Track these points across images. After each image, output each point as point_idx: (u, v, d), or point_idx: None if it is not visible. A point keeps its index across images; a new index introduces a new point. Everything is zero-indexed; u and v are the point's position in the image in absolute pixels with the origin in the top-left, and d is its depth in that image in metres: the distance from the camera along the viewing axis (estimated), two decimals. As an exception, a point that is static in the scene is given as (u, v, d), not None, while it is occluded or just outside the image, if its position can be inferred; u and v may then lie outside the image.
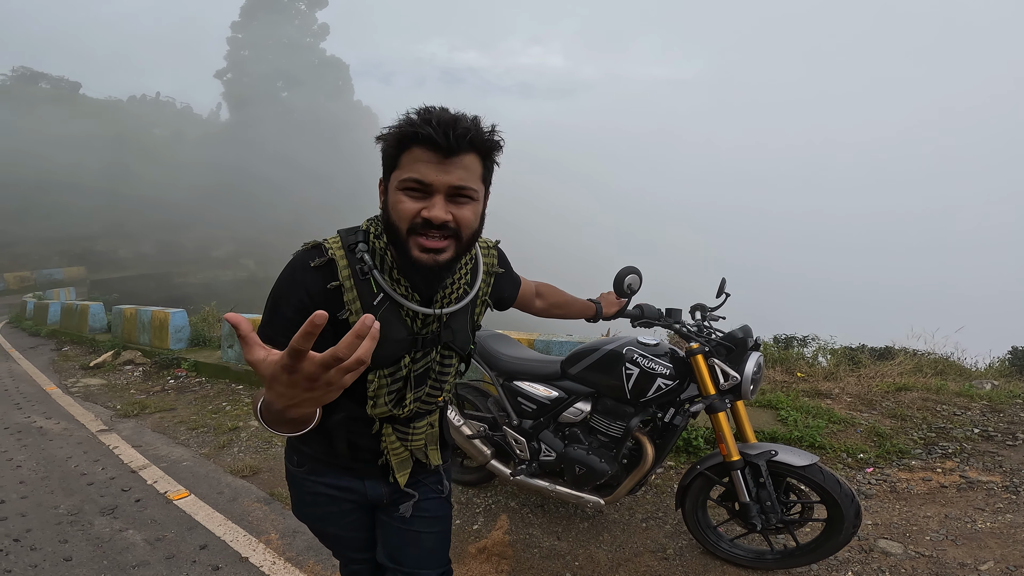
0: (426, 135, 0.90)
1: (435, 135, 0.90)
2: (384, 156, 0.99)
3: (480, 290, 1.19)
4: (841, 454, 3.21)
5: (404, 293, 1.05)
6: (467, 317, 1.18)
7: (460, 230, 0.98)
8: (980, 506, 2.66)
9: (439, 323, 1.11)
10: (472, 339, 1.22)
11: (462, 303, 1.11)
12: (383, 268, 1.05)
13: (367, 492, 1.21)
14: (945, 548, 2.34)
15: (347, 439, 1.15)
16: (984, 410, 3.73)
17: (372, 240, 1.06)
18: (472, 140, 0.94)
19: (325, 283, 1.02)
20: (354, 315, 1.02)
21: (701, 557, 2.36)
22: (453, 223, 0.96)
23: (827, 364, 5.10)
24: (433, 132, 0.90)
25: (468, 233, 1.00)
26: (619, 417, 2.28)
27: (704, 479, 2.23)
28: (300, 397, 0.70)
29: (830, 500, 2.00)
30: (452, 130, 0.91)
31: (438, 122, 0.91)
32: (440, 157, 0.92)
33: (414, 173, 0.93)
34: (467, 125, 0.93)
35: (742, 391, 2.09)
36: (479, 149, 0.96)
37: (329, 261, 1.03)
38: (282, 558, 2.49)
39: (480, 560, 2.40)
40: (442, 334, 1.12)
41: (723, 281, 2.31)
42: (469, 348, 1.21)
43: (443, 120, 0.91)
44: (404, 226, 0.96)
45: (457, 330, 1.15)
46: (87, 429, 4.62)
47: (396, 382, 1.10)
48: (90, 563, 2.49)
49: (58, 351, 9.69)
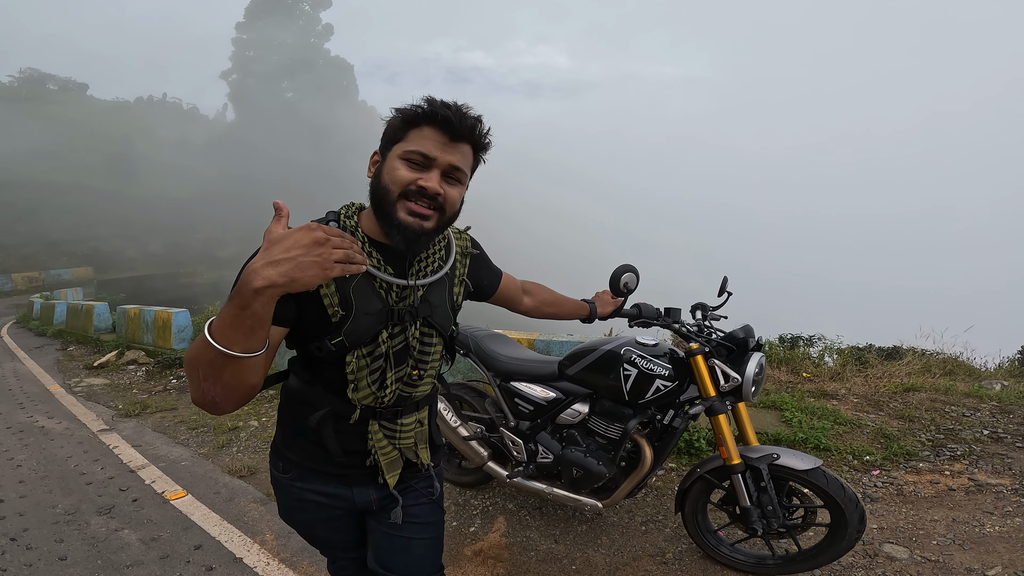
0: (443, 117, 1.01)
1: (451, 118, 1.01)
2: (390, 129, 1.06)
3: (457, 269, 1.23)
4: (847, 456, 3.16)
5: (376, 264, 1.08)
6: (445, 294, 1.18)
7: (445, 206, 1.05)
8: (989, 509, 2.61)
9: (414, 295, 1.12)
10: (453, 319, 1.22)
11: (437, 275, 1.14)
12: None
13: (355, 499, 1.20)
14: (952, 553, 2.29)
15: (336, 439, 1.13)
16: (994, 411, 3.66)
17: (343, 220, 1.12)
18: (475, 132, 1.05)
19: None
20: (324, 286, 1.03)
21: (701, 562, 2.31)
22: (442, 198, 1.03)
23: (833, 364, 5.03)
24: (450, 115, 1.01)
25: (451, 211, 1.07)
26: (617, 419, 2.24)
27: (704, 482, 2.19)
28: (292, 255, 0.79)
29: (834, 505, 1.96)
30: (463, 118, 1.02)
31: (454, 109, 1.02)
32: (447, 139, 1.02)
33: (420, 147, 1.01)
34: (474, 117, 1.05)
35: (743, 393, 2.04)
36: (476, 142, 1.07)
37: None
38: (276, 559, 2.47)
39: (476, 563, 2.37)
40: (419, 308, 1.12)
41: (724, 280, 2.27)
42: (451, 328, 1.20)
43: (457, 108, 1.03)
44: (397, 190, 1.02)
45: (435, 305, 1.15)
46: (88, 429, 4.63)
47: (376, 360, 1.08)
48: (85, 563, 2.48)
49: (63, 351, 9.73)
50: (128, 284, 30.80)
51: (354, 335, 1.05)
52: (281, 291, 0.80)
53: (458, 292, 1.23)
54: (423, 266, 1.13)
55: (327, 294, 1.03)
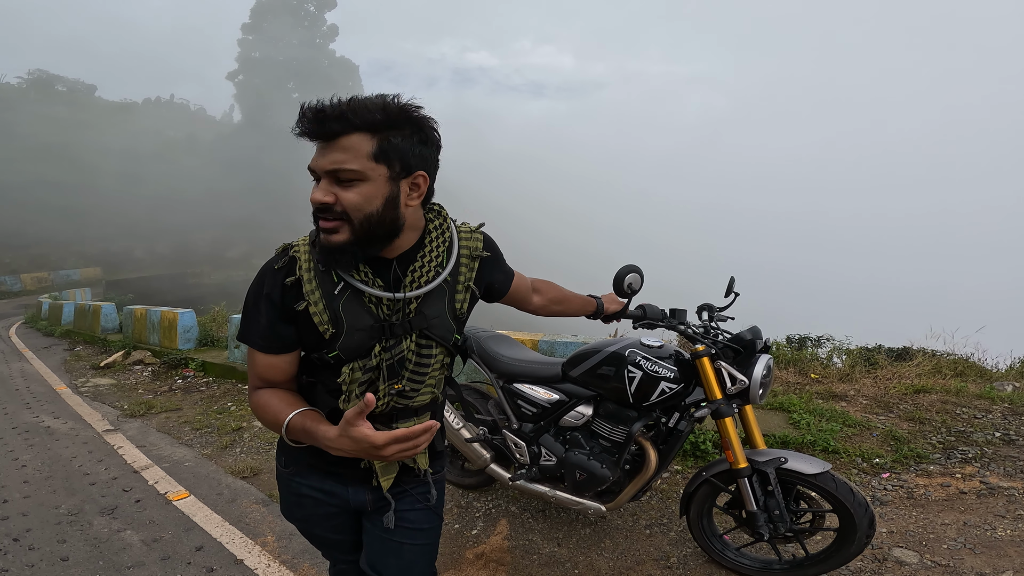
0: (304, 129, 0.94)
1: (302, 125, 0.93)
2: None
3: (461, 274, 1.15)
4: (856, 459, 3.11)
5: (363, 279, 1.05)
6: (444, 303, 1.12)
7: (347, 212, 0.96)
8: (1000, 513, 2.56)
9: (407, 308, 1.08)
10: (456, 329, 1.16)
11: (430, 286, 1.08)
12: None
13: (349, 498, 1.19)
14: (963, 557, 2.25)
15: None
16: (1006, 413, 3.59)
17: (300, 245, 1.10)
18: (343, 119, 0.92)
19: (283, 281, 1.06)
20: (312, 304, 1.04)
21: (706, 566, 2.28)
22: (338, 205, 0.95)
23: (842, 365, 4.96)
24: (308, 119, 0.92)
25: (360, 215, 0.96)
26: (621, 421, 2.20)
27: (710, 486, 2.15)
28: (370, 454, 0.95)
29: (842, 509, 1.92)
30: (320, 114, 0.92)
31: (309, 111, 0.93)
32: (321, 144, 0.95)
33: (310, 165, 0.97)
34: (337, 107, 0.92)
35: (750, 395, 2.00)
36: (362, 127, 0.93)
37: (291, 260, 1.08)
38: (277, 561, 2.45)
39: (477, 566, 2.34)
40: (414, 320, 1.08)
41: (732, 280, 2.22)
42: (454, 338, 1.15)
43: (313, 108, 0.93)
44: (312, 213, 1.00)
45: (432, 316, 1.10)
46: (93, 429, 4.64)
47: (367, 372, 1.07)
48: (86, 563, 2.48)
49: (70, 351, 9.80)
50: (136, 284, 31.01)
51: (348, 350, 1.05)
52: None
53: (462, 299, 1.15)
54: (416, 276, 1.07)
55: (316, 312, 1.03)
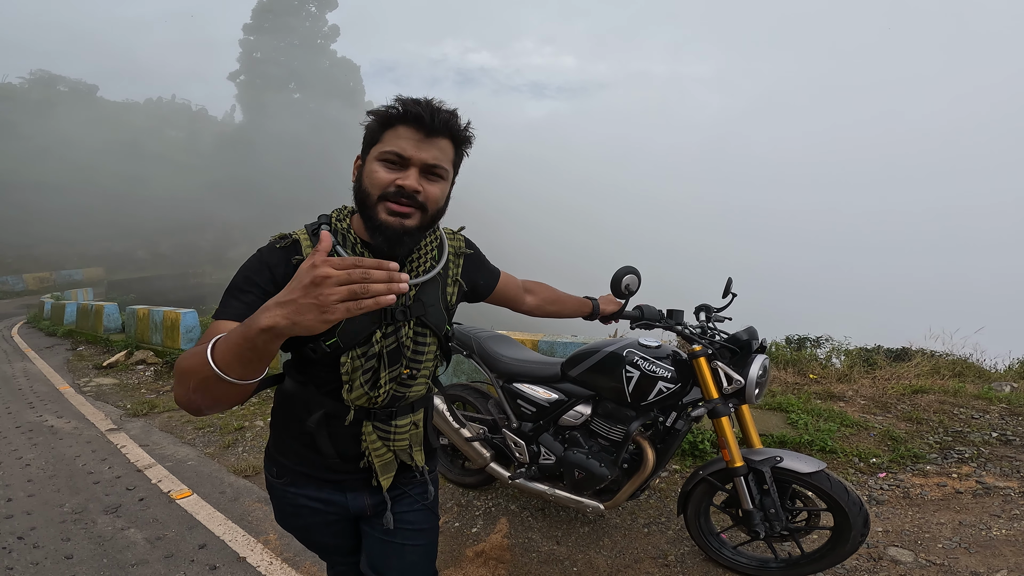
0: (414, 114, 1.00)
1: (423, 114, 1.00)
2: (368, 132, 1.07)
3: (450, 269, 1.24)
4: (853, 459, 3.13)
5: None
6: (438, 293, 1.19)
7: (427, 203, 1.04)
8: (996, 513, 2.58)
9: (407, 295, 1.13)
10: (447, 319, 1.22)
11: (429, 275, 1.14)
12: (345, 244, 1.10)
13: (348, 505, 1.21)
14: (958, 556, 2.27)
15: (331, 442, 1.14)
16: (1003, 413, 3.62)
17: (335, 223, 1.13)
18: (450, 125, 1.04)
19: (289, 258, 1.07)
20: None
21: (703, 564, 2.30)
22: (422, 196, 1.03)
23: (840, 365, 4.99)
24: (421, 112, 1.00)
25: (434, 208, 1.07)
26: (620, 421, 2.23)
27: (707, 485, 2.18)
28: (294, 296, 0.72)
29: (837, 508, 1.94)
30: (436, 113, 1.01)
31: (424, 105, 1.02)
32: (421, 136, 1.02)
33: (395, 147, 1.01)
34: (448, 111, 1.04)
35: (746, 395, 2.03)
36: (454, 136, 1.06)
37: (294, 242, 1.10)
38: (279, 558, 2.48)
39: (477, 564, 2.37)
40: (412, 307, 1.13)
41: (729, 281, 2.25)
42: (445, 328, 1.21)
43: (428, 104, 1.02)
44: (376, 192, 1.03)
45: (429, 304, 1.16)
46: (97, 428, 4.68)
47: (369, 359, 1.09)
48: (90, 561, 2.51)
49: (73, 351, 9.84)
50: (138, 284, 31.11)
51: (347, 335, 1.06)
52: (286, 333, 0.73)
53: (452, 292, 1.23)
54: (415, 266, 1.14)
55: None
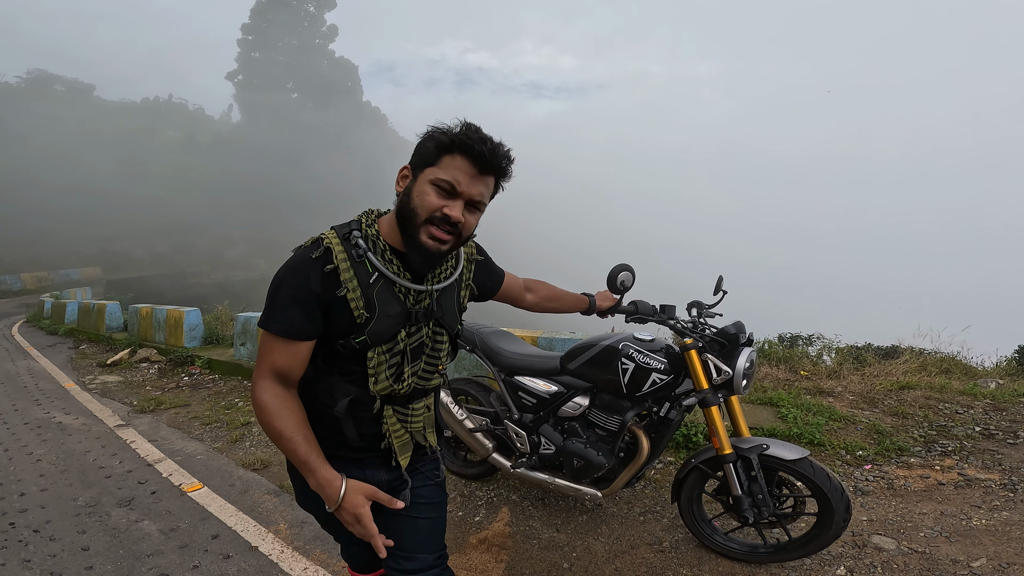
0: (478, 152, 1.07)
1: (484, 153, 1.07)
2: (423, 149, 1.12)
3: (464, 275, 1.35)
4: (840, 451, 3.24)
5: (396, 271, 1.18)
6: (454, 297, 1.31)
7: (463, 231, 1.15)
8: (977, 503, 2.68)
9: (430, 299, 1.24)
10: (459, 319, 1.34)
11: (449, 281, 1.26)
12: (376, 251, 1.18)
13: (367, 480, 1.27)
14: (939, 544, 2.36)
15: (354, 424, 1.23)
16: (987, 408, 3.73)
17: (364, 228, 1.20)
18: (502, 166, 1.13)
19: (322, 268, 1.15)
20: (351, 291, 1.14)
21: (696, 550, 2.41)
22: (462, 225, 1.13)
23: (831, 363, 5.10)
24: (485, 151, 1.07)
25: (466, 235, 1.18)
26: (616, 411, 2.34)
27: (699, 473, 2.28)
28: (345, 519, 1.18)
29: (820, 494, 2.04)
30: (496, 155, 1.09)
31: (489, 144, 1.08)
32: (476, 172, 1.10)
33: (451, 178, 1.09)
34: (505, 154, 1.12)
35: (735, 386, 2.14)
36: (500, 175, 1.16)
37: (326, 250, 1.16)
38: (290, 547, 2.58)
39: (480, 550, 2.48)
40: (433, 310, 1.24)
41: (720, 279, 2.35)
42: (456, 327, 1.33)
43: (491, 144, 1.09)
44: (424, 215, 1.10)
45: (446, 308, 1.28)
46: (104, 424, 4.76)
47: (394, 356, 1.20)
48: (107, 552, 2.59)
49: (76, 349, 9.90)
50: (136, 284, 31.09)
51: (376, 335, 1.17)
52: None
53: (464, 295, 1.36)
54: (437, 273, 1.25)
55: (353, 298, 1.14)
